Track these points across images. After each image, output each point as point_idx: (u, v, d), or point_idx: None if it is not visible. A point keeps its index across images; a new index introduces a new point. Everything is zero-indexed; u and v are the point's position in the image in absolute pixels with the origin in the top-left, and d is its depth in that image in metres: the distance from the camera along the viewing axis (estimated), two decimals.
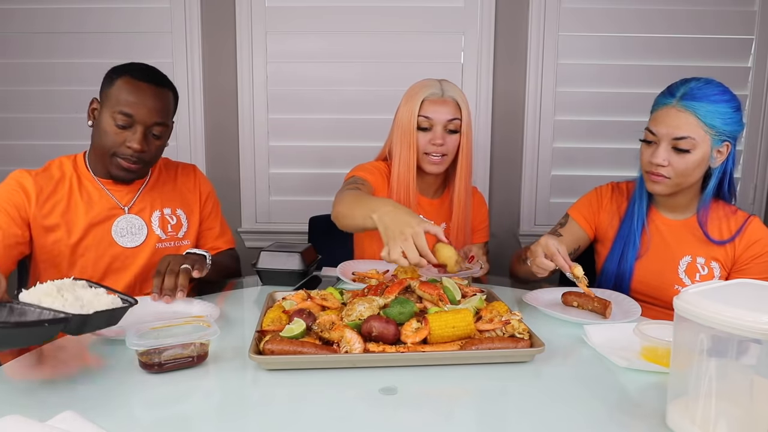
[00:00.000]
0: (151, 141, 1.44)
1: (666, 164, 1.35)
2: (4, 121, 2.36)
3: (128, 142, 1.40)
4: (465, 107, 1.60)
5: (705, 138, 1.32)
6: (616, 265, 1.49)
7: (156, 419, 0.80)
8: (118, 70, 1.44)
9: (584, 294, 1.27)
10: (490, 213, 2.39)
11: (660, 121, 1.35)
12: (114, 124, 1.39)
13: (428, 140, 1.58)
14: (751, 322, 0.66)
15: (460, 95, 1.61)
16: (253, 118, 2.35)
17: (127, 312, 0.97)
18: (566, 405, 0.85)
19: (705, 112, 1.31)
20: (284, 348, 0.94)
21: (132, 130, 1.40)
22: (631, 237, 1.47)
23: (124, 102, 1.39)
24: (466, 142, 1.60)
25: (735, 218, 1.43)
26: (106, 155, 1.43)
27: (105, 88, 1.43)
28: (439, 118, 1.57)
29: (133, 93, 1.39)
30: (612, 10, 2.28)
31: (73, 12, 2.29)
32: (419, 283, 1.16)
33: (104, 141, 1.42)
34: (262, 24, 2.30)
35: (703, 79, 1.35)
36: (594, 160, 2.35)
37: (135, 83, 1.40)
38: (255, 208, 2.43)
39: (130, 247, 1.49)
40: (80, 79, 2.31)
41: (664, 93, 1.39)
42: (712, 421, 0.71)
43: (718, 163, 1.37)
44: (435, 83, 1.61)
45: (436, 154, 1.58)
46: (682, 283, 1.42)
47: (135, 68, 1.44)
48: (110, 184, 1.50)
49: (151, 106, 1.41)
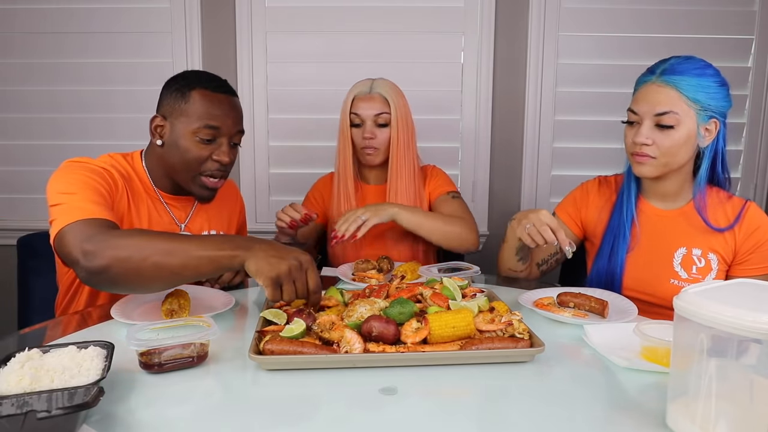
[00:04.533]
0: (233, 150, 1.42)
1: (650, 143, 1.30)
2: (6, 121, 2.36)
3: (215, 155, 1.37)
4: (395, 101, 1.70)
5: (689, 113, 1.28)
6: (607, 260, 1.45)
7: (156, 419, 0.80)
8: (185, 83, 1.37)
9: (581, 294, 1.27)
10: (490, 213, 2.41)
11: (641, 99, 1.32)
12: (197, 140, 1.35)
13: (361, 135, 1.71)
14: (751, 322, 0.66)
15: (389, 91, 1.71)
16: (253, 118, 2.35)
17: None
18: (566, 405, 0.85)
19: (686, 85, 1.27)
20: (284, 348, 0.94)
21: (217, 143, 1.37)
22: (621, 230, 1.43)
23: (208, 116, 1.34)
24: (397, 134, 1.70)
25: (731, 204, 1.38)
26: (189, 174, 1.38)
27: (174, 103, 1.36)
28: (367, 114, 1.70)
29: (215, 106, 1.35)
30: (612, 11, 2.28)
31: (73, 12, 2.29)
32: (432, 293, 1.15)
33: (188, 158, 1.36)
34: (262, 24, 2.30)
35: (684, 56, 1.32)
36: (594, 160, 2.35)
37: (213, 96, 1.36)
38: (255, 208, 2.43)
39: None
40: (80, 79, 2.31)
41: (644, 72, 1.36)
42: (712, 421, 0.71)
43: (707, 142, 1.32)
44: (366, 82, 1.75)
45: (369, 147, 1.71)
46: (677, 277, 1.38)
47: (205, 78, 1.40)
48: (169, 198, 1.45)
49: (234, 116, 1.39)
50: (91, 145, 2.27)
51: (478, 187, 2.38)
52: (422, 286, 1.22)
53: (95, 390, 0.74)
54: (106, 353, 0.88)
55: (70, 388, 0.76)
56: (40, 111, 2.34)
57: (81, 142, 2.34)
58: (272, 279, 1.03)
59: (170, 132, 1.37)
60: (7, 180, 2.40)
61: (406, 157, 1.73)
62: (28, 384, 0.77)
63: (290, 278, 1.05)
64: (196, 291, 1.30)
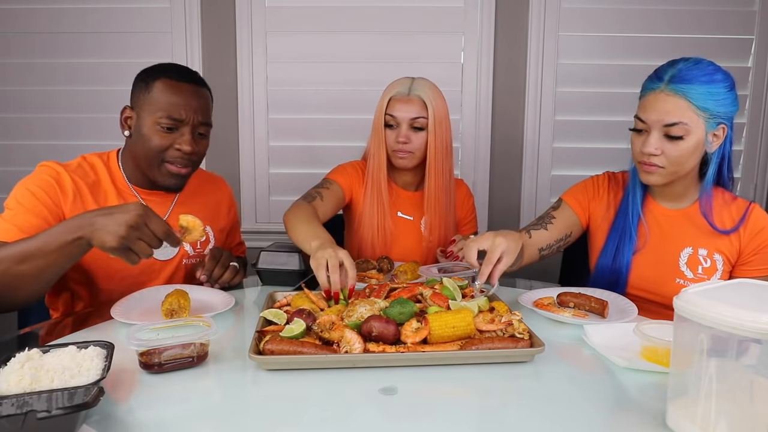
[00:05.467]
0: (198, 141, 1.40)
1: (659, 153, 1.28)
2: (3, 121, 2.35)
3: (177, 144, 1.36)
4: (433, 105, 1.62)
5: (698, 122, 1.25)
6: (611, 260, 1.44)
7: (156, 419, 0.80)
8: (151, 74, 1.38)
9: (582, 294, 1.27)
10: (490, 213, 2.41)
11: (649, 108, 1.28)
12: (159, 128, 1.34)
13: (394, 138, 1.63)
14: (751, 322, 0.66)
15: (429, 93, 1.62)
16: (253, 118, 2.35)
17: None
18: (566, 405, 0.85)
19: (696, 94, 1.24)
20: (284, 348, 0.94)
21: (179, 132, 1.36)
22: (627, 230, 1.42)
23: (168, 105, 1.34)
24: (434, 140, 1.63)
25: (736, 205, 1.38)
26: (152, 163, 1.38)
27: (140, 94, 1.37)
28: (403, 117, 1.62)
29: (176, 94, 1.35)
30: (612, 10, 2.28)
31: (73, 12, 2.29)
32: (432, 293, 1.15)
33: (150, 147, 1.35)
34: (262, 24, 2.30)
35: (692, 59, 1.28)
36: (594, 160, 2.35)
37: (176, 84, 1.35)
38: (255, 208, 2.43)
39: (160, 260, 1.46)
40: (80, 79, 2.31)
41: (652, 77, 1.31)
42: (712, 421, 0.71)
43: (714, 147, 1.30)
44: (405, 81, 1.66)
45: (402, 150, 1.63)
46: (683, 276, 1.37)
47: (170, 69, 1.39)
48: (145, 194, 1.45)
49: (196, 106, 1.37)
50: (90, 146, 2.25)
51: (478, 187, 2.38)
52: (422, 286, 1.22)
53: (95, 390, 0.74)
54: (106, 353, 0.88)
55: (70, 388, 0.76)
56: (36, 111, 2.34)
57: (79, 142, 2.33)
58: (117, 249, 1.04)
59: (136, 122, 1.38)
60: (6, 180, 2.39)
61: (445, 165, 1.66)
62: (28, 384, 0.77)
63: (134, 237, 1.05)
64: (196, 291, 1.30)
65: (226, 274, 1.40)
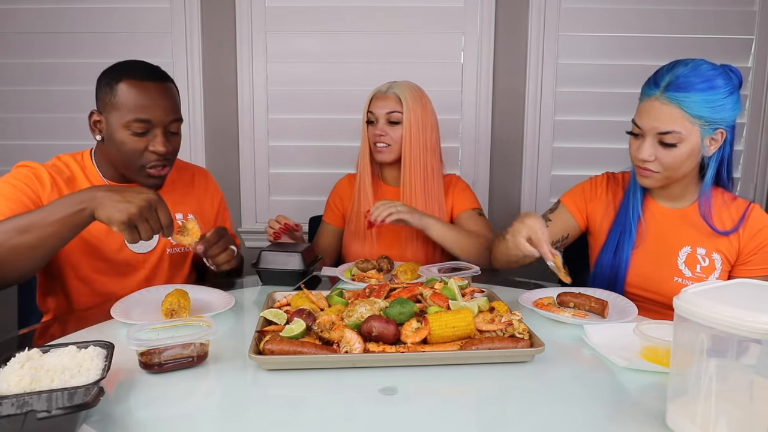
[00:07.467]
0: (171, 139, 1.39)
1: (652, 159, 1.30)
2: (1, 121, 2.35)
3: (151, 146, 1.34)
4: (408, 101, 1.70)
5: (692, 130, 1.26)
6: (612, 255, 1.45)
7: (156, 419, 0.80)
8: (113, 75, 1.34)
9: (582, 294, 1.27)
10: (489, 213, 2.41)
11: (644, 115, 1.30)
12: (130, 133, 1.32)
13: (374, 132, 1.74)
14: (751, 322, 0.66)
15: (405, 91, 1.71)
16: (253, 118, 2.35)
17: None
18: (566, 405, 0.85)
19: (690, 103, 1.24)
20: (284, 348, 0.94)
21: (151, 134, 1.34)
22: (627, 227, 1.43)
23: (135, 107, 1.31)
24: (409, 133, 1.70)
25: (735, 206, 1.38)
26: (131, 168, 1.37)
27: (105, 97, 1.34)
28: (380, 112, 1.72)
29: (142, 95, 1.31)
30: (612, 10, 2.28)
31: (73, 12, 2.28)
32: (432, 293, 1.15)
33: (124, 153, 1.34)
34: (262, 24, 2.30)
35: (692, 64, 1.28)
36: (594, 160, 2.35)
37: (140, 84, 1.32)
38: (255, 208, 2.43)
39: (140, 252, 1.45)
40: (80, 79, 2.30)
41: (649, 82, 1.32)
42: (712, 421, 0.71)
43: (712, 151, 1.31)
44: (386, 84, 1.76)
45: (380, 143, 1.73)
46: (681, 275, 1.38)
47: (132, 68, 1.35)
48: None
49: (164, 105, 1.34)
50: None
51: (478, 187, 2.37)
52: (422, 286, 1.22)
53: (95, 390, 0.74)
54: (106, 353, 0.88)
55: (70, 388, 0.76)
56: (34, 111, 2.34)
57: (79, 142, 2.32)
58: (125, 223, 1.07)
59: (106, 127, 1.35)
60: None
61: (421, 157, 1.72)
62: (28, 384, 0.77)
63: (143, 218, 1.08)
64: (196, 291, 1.30)
65: (223, 254, 1.33)
